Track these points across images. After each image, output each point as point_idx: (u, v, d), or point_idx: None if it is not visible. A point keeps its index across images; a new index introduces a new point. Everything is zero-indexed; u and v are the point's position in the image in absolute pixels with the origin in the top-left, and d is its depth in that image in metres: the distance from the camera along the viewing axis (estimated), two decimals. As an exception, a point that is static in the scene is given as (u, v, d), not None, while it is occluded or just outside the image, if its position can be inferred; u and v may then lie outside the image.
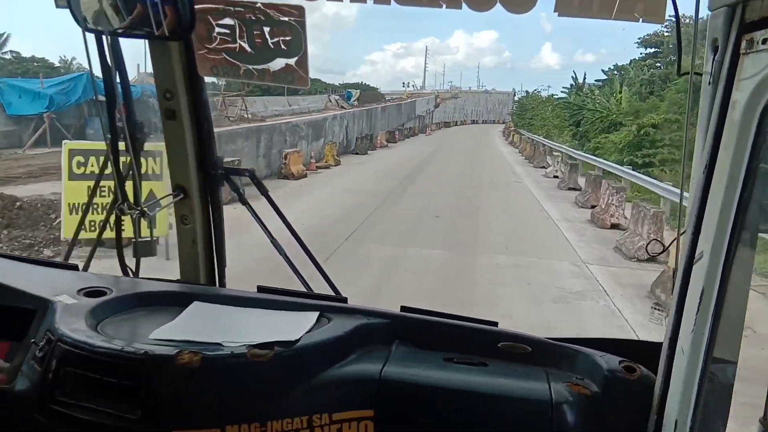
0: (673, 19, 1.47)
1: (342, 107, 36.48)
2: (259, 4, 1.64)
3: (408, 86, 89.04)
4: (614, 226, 12.42)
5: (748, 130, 1.08)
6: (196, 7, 1.56)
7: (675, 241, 1.50)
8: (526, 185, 20.31)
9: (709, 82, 1.17)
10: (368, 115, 36.85)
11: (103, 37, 1.59)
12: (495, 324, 1.72)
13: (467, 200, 16.02)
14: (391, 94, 71.28)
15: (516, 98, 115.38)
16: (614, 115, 31.49)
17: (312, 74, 1.75)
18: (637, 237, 10.24)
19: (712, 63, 1.15)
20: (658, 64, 37.57)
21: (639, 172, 18.04)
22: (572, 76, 55.92)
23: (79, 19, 1.49)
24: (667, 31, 32.16)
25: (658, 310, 1.80)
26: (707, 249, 1.16)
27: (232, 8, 1.66)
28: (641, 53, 39.96)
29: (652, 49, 39.01)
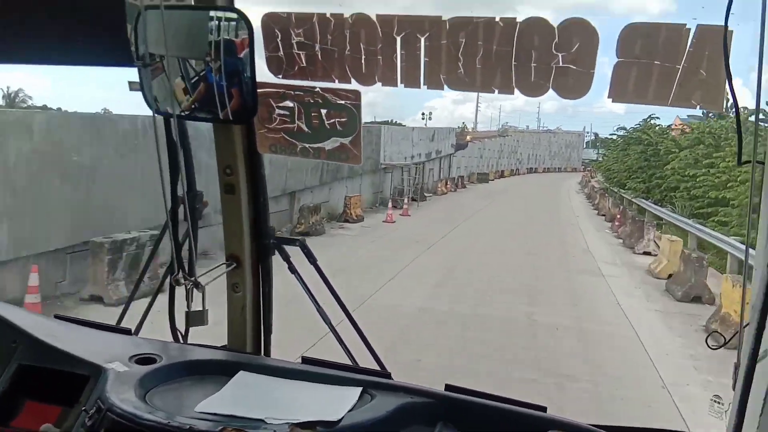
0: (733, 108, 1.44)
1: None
2: (317, 89, 1.73)
3: (429, 118, 56.01)
4: None
5: None
6: (258, 91, 1.64)
7: (738, 334, 1.41)
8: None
9: None
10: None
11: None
12: (544, 409, 1.65)
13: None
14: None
15: (587, 139, 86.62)
16: None
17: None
18: None
19: None
20: None
21: None
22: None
23: (150, 102, 1.60)
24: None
25: (718, 403, 1.68)
26: None
27: (292, 92, 1.75)
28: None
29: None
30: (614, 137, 39.52)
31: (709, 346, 1.80)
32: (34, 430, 1.61)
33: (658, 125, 31.37)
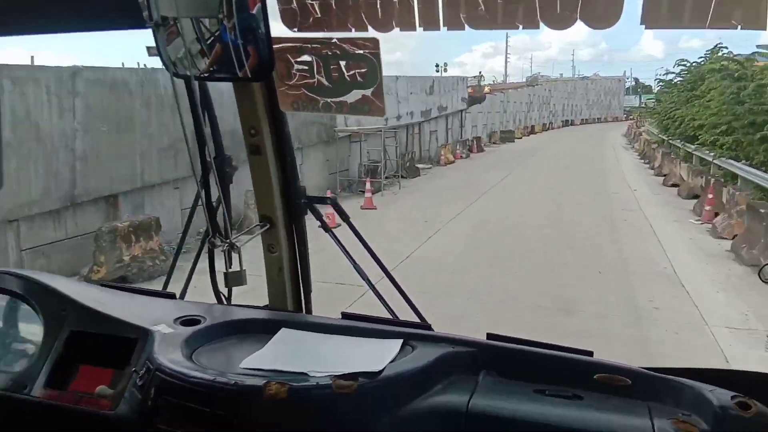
0: None
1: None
2: (334, 40, 1.68)
3: (444, 69, 44.41)
4: None
5: None
6: (275, 47, 1.61)
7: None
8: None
9: None
10: None
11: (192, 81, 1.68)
12: (590, 354, 1.62)
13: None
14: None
15: (628, 85, 78.50)
16: None
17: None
18: None
19: None
20: None
21: None
22: None
23: (168, 66, 1.59)
24: None
25: (774, 340, 1.63)
26: None
27: (309, 45, 1.72)
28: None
29: None
30: (670, 77, 28.73)
31: (762, 280, 1.73)
32: (90, 392, 1.69)
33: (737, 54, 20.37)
